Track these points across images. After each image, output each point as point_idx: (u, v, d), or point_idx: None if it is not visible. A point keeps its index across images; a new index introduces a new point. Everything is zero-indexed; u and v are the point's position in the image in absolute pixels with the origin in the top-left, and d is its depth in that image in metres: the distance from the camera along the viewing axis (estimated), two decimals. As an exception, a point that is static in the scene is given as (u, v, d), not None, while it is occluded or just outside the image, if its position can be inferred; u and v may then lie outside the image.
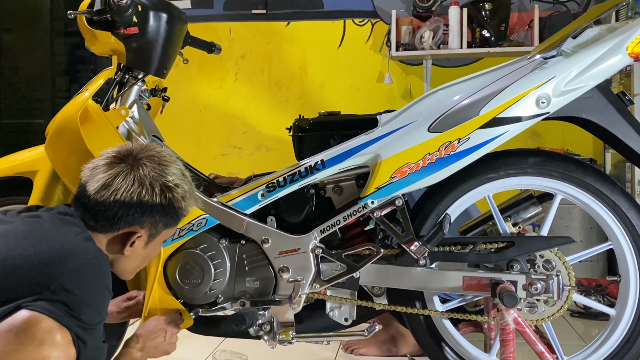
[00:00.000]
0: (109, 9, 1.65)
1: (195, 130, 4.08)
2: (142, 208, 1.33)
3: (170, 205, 1.37)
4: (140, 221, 1.35)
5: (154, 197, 1.34)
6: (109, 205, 1.32)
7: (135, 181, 1.33)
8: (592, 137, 2.19)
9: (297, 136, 1.77)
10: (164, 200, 1.35)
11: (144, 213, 1.34)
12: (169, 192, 1.36)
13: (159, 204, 1.35)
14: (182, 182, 1.40)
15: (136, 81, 1.81)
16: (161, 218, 1.37)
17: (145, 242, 1.39)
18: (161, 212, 1.36)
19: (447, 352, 1.76)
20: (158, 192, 1.34)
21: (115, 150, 1.38)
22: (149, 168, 1.35)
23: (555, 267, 1.64)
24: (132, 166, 1.34)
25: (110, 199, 1.31)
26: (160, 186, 1.35)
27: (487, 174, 1.68)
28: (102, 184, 1.32)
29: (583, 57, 1.53)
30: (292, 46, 4.00)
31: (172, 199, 1.37)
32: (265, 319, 1.72)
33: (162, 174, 1.36)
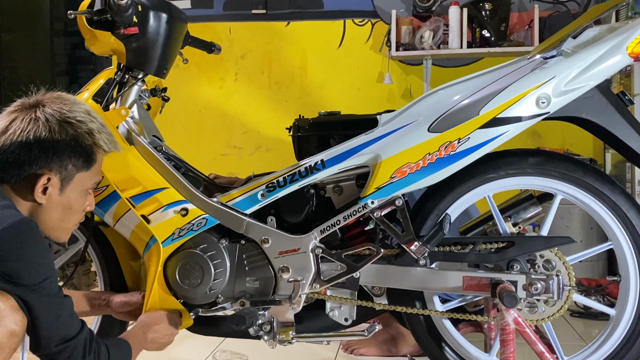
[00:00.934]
0: (109, 9, 1.65)
1: (195, 130, 4.08)
2: (42, 146, 1.27)
3: (75, 142, 1.30)
4: (46, 162, 1.27)
5: (52, 134, 1.27)
6: (8, 149, 1.26)
7: (31, 120, 1.27)
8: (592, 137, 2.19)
9: (297, 136, 1.76)
10: (65, 136, 1.29)
11: (46, 152, 1.27)
12: (69, 127, 1.30)
13: (61, 140, 1.28)
14: (87, 119, 1.33)
15: (136, 81, 1.81)
16: (69, 157, 1.29)
17: (59, 187, 1.31)
18: (67, 150, 1.29)
19: (447, 352, 1.76)
20: (57, 128, 1.28)
21: (21, 101, 1.33)
22: (49, 108, 1.30)
23: (555, 267, 1.64)
24: (33, 109, 1.29)
25: (8, 141, 1.26)
26: (59, 122, 1.29)
27: (487, 174, 1.68)
28: (2, 129, 1.28)
29: (583, 57, 1.53)
30: (292, 46, 4.00)
31: (76, 135, 1.30)
32: (265, 319, 1.72)
33: (62, 110, 1.30)
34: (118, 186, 1.71)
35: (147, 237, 1.74)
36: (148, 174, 1.73)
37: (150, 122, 1.92)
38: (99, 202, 1.73)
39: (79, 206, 1.38)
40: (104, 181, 1.71)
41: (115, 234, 1.83)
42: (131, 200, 1.72)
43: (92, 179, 1.38)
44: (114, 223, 1.76)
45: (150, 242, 1.74)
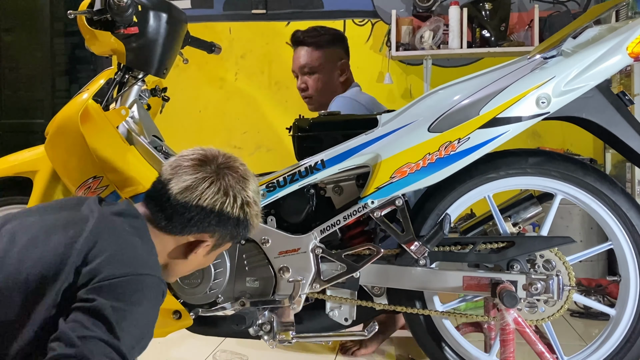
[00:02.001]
0: (109, 9, 1.65)
1: (195, 130, 4.08)
2: (220, 218, 1.31)
3: (243, 221, 1.35)
4: (213, 230, 1.32)
5: (234, 210, 1.31)
6: (190, 208, 1.28)
7: (221, 190, 1.30)
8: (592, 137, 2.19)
9: (297, 136, 1.77)
10: (241, 215, 1.33)
11: (219, 223, 1.31)
12: (247, 207, 1.34)
13: (236, 217, 1.32)
14: (258, 200, 1.38)
15: (136, 81, 1.82)
16: (231, 231, 1.35)
17: (208, 251, 1.37)
18: (234, 225, 1.34)
19: (447, 352, 1.76)
20: (239, 206, 1.32)
21: (200, 153, 1.35)
22: (234, 179, 1.33)
23: (555, 267, 1.64)
24: (218, 174, 1.31)
25: (193, 202, 1.28)
26: (242, 200, 1.33)
27: (487, 174, 1.68)
28: (187, 185, 1.29)
29: (583, 57, 1.53)
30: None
31: (248, 215, 1.35)
32: (265, 319, 1.72)
33: (245, 188, 1.34)
34: (118, 186, 1.71)
35: (147, 237, 1.74)
36: (148, 174, 1.72)
37: (150, 122, 1.92)
38: (99, 202, 1.73)
39: (207, 264, 1.48)
40: (104, 181, 1.71)
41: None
42: (131, 200, 1.72)
43: (229, 245, 1.43)
44: (114, 223, 1.76)
45: (150, 242, 1.73)
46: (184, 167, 1.31)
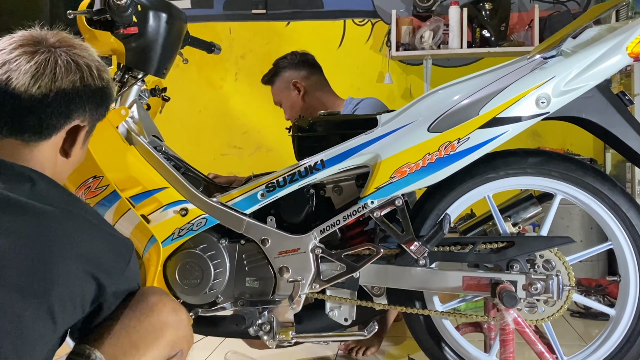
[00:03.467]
0: (109, 9, 1.65)
1: (195, 130, 4.08)
2: (85, 93, 1.12)
3: (107, 89, 1.17)
4: (83, 111, 1.13)
5: (95, 80, 1.13)
6: (48, 98, 1.07)
7: (70, 64, 1.10)
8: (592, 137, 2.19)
9: (297, 136, 1.76)
10: (103, 83, 1.15)
11: (88, 100, 1.12)
12: (104, 73, 1.17)
13: (99, 87, 1.14)
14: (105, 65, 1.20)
15: (136, 81, 1.81)
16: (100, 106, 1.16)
17: (84, 140, 1.17)
18: (100, 98, 1.15)
19: (446, 352, 1.76)
20: (97, 74, 1.14)
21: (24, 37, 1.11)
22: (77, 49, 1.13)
23: (555, 267, 1.64)
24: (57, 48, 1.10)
25: (48, 89, 1.07)
26: (97, 67, 1.14)
27: (487, 174, 1.68)
28: (32, 74, 1.07)
29: (583, 57, 1.53)
30: (292, 46, 3.99)
31: (108, 81, 1.18)
32: (265, 319, 1.72)
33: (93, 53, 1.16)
34: (118, 186, 1.71)
35: (146, 237, 1.74)
36: (148, 174, 1.73)
37: (150, 122, 1.92)
38: (99, 202, 1.73)
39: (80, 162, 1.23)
40: (104, 181, 1.71)
41: (115, 234, 1.82)
42: (131, 200, 1.72)
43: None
44: (114, 223, 1.76)
45: (150, 242, 1.74)
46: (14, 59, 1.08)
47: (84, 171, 1.72)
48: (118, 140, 1.72)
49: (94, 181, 1.72)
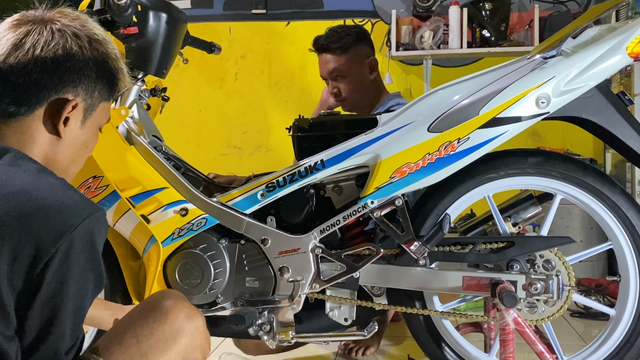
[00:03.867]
0: (109, 9, 1.65)
1: (195, 130, 4.08)
2: (71, 64, 1.04)
3: (104, 63, 1.09)
4: (73, 84, 1.05)
5: (83, 50, 1.05)
6: (27, 66, 1.01)
7: (54, 33, 1.03)
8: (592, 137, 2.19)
9: (297, 136, 1.76)
10: (97, 54, 1.07)
11: (77, 71, 1.04)
12: (99, 45, 1.08)
13: (91, 59, 1.06)
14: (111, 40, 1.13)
15: (136, 81, 1.81)
16: (96, 81, 1.08)
17: (82, 118, 1.08)
18: (95, 71, 1.07)
19: (446, 352, 1.76)
20: (87, 44, 1.06)
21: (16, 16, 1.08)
22: (67, 19, 1.07)
23: (555, 267, 1.64)
24: (45, 21, 1.05)
25: (28, 57, 1.01)
26: (88, 37, 1.06)
27: (487, 174, 1.68)
28: (13, 43, 1.02)
29: (583, 57, 1.53)
30: (292, 46, 4.00)
31: (106, 55, 1.09)
32: (264, 319, 1.72)
33: (87, 25, 1.08)
34: (118, 186, 1.71)
35: (146, 237, 1.74)
36: (148, 174, 1.73)
37: (150, 122, 1.92)
38: (99, 202, 1.73)
39: (92, 147, 1.16)
40: (104, 181, 1.71)
41: (115, 233, 1.83)
42: (131, 200, 1.72)
43: (106, 115, 1.17)
44: (114, 223, 1.76)
45: (150, 242, 1.74)
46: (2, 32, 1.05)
47: (84, 171, 1.71)
48: (118, 140, 1.72)
49: (94, 181, 1.72)
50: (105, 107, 1.14)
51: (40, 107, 1.04)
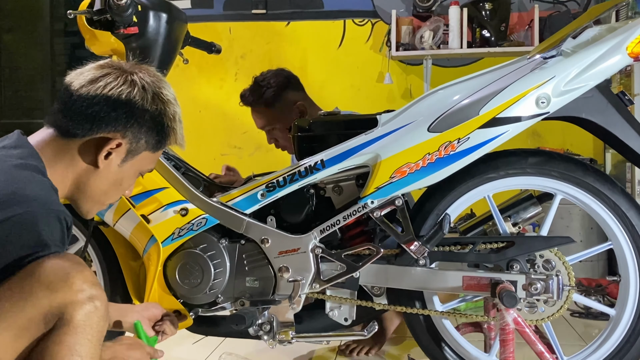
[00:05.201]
0: (109, 9, 1.65)
1: (195, 130, 4.07)
2: (128, 110, 1.19)
3: (159, 119, 1.23)
4: (124, 126, 1.20)
5: (144, 102, 1.20)
6: (93, 99, 1.18)
7: (128, 80, 1.20)
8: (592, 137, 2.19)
9: (297, 136, 1.77)
10: (155, 109, 1.22)
11: (130, 117, 1.19)
12: (161, 102, 1.23)
13: (149, 111, 1.21)
14: (176, 102, 1.27)
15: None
16: (147, 131, 1.23)
17: (122, 158, 1.23)
18: (148, 123, 1.22)
19: (447, 352, 1.76)
20: (150, 98, 1.21)
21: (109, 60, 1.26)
22: (146, 76, 1.23)
23: (555, 267, 1.64)
24: (125, 71, 1.22)
25: (97, 93, 1.18)
26: (154, 93, 1.22)
27: (487, 174, 1.68)
28: (90, 79, 1.19)
29: (583, 57, 1.53)
30: (292, 46, 4.00)
31: (163, 112, 1.23)
32: (264, 319, 1.72)
33: (158, 83, 1.24)
34: (118, 186, 1.70)
35: (146, 237, 1.74)
36: (148, 174, 1.72)
37: (150, 122, 1.91)
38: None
39: (126, 186, 1.30)
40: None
41: (115, 233, 1.83)
42: (131, 199, 1.72)
43: (150, 164, 1.31)
44: (114, 223, 1.76)
45: (150, 242, 1.74)
46: (87, 69, 1.23)
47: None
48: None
49: (94, 181, 1.72)
50: (150, 156, 1.28)
51: (91, 137, 1.19)
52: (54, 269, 1.03)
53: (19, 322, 1.00)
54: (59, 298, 1.01)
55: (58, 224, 1.09)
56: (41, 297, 1.01)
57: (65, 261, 1.06)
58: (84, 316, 1.03)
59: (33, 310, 1.01)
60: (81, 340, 1.02)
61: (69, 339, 1.01)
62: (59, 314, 1.02)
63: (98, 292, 1.06)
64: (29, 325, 1.01)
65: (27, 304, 1.01)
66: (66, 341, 1.01)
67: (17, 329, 1.00)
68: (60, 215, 1.10)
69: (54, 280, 1.02)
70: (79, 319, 1.02)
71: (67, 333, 1.02)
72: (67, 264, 1.05)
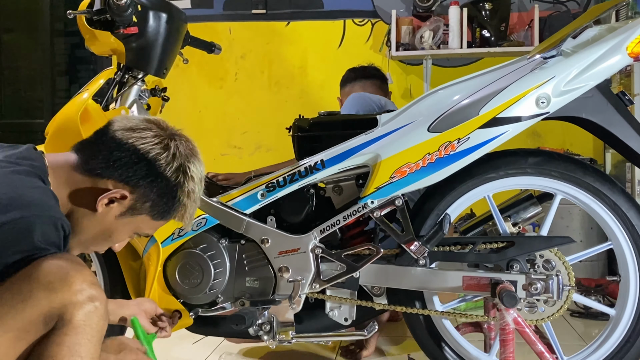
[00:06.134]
0: (109, 9, 1.65)
1: (195, 130, 4.07)
2: (149, 168, 1.20)
3: (173, 189, 1.23)
4: (137, 183, 1.20)
5: (167, 168, 1.21)
6: (123, 145, 1.19)
7: (163, 143, 1.21)
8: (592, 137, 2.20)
9: (297, 136, 1.76)
10: (174, 179, 1.22)
11: (147, 175, 1.20)
12: (183, 175, 1.24)
13: (167, 177, 1.22)
14: (199, 182, 1.28)
15: (136, 81, 1.81)
16: (156, 197, 1.22)
17: (122, 212, 1.22)
18: (161, 189, 1.22)
19: (446, 352, 1.76)
20: (174, 167, 1.22)
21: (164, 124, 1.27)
22: (183, 147, 1.24)
23: (555, 267, 1.64)
24: (168, 135, 1.24)
25: (129, 142, 1.19)
26: (180, 164, 1.23)
27: (487, 174, 1.68)
28: (131, 126, 1.21)
29: (583, 57, 1.53)
30: (292, 46, 4.00)
31: (180, 185, 1.23)
32: (265, 319, 1.72)
33: (190, 157, 1.25)
34: (118, 186, 1.70)
35: (146, 237, 1.74)
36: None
37: (150, 122, 1.91)
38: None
39: (115, 240, 1.29)
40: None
41: (115, 233, 1.82)
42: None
43: (148, 229, 1.30)
44: (114, 223, 1.76)
45: (150, 242, 1.74)
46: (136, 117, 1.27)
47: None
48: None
49: (94, 181, 1.72)
50: (149, 222, 1.27)
51: (102, 180, 1.20)
52: (53, 269, 1.03)
53: (19, 324, 1.01)
54: (59, 298, 1.02)
55: (55, 231, 1.09)
56: (41, 298, 1.01)
57: (64, 261, 1.06)
58: (84, 316, 1.03)
59: (33, 311, 1.01)
60: (81, 341, 1.03)
61: (69, 339, 1.02)
62: (58, 315, 1.02)
63: (97, 292, 1.06)
64: (29, 327, 1.02)
65: (27, 305, 1.01)
66: (66, 341, 1.02)
67: (17, 330, 1.01)
68: (58, 223, 1.10)
69: (53, 280, 1.02)
70: (78, 319, 1.03)
71: (67, 333, 1.02)
72: (66, 264, 1.05)
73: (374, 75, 2.80)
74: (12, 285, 1.02)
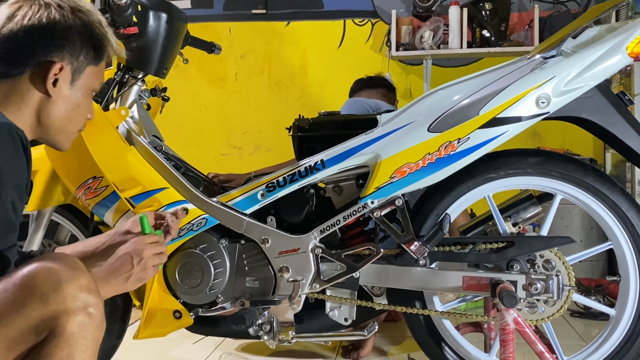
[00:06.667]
0: (109, 9, 1.65)
1: (195, 130, 4.08)
2: (56, 31, 1.20)
3: (87, 31, 1.24)
4: (59, 50, 1.20)
5: (66, 18, 1.21)
6: (17, 34, 1.18)
7: (41, 6, 1.20)
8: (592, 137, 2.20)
9: (297, 136, 1.76)
10: (79, 22, 1.23)
11: (60, 37, 1.20)
12: (82, 14, 1.24)
13: (74, 26, 1.22)
14: (95, 10, 1.28)
15: (136, 81, 1.82)
16: (81, 46, 1.23)
17: (70, 80, 1.24)
18: (80, 38, 1.23)
19: (446, 352, 1.76)
20: (70, 14, 1.22)
21: None
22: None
23: (555, 267, 1.64)
24: None
25: (16, 27, 1.18)
26: (71, 8, 1.23)
27: (487, 174, 1.68)
28: (7, 16, 1.20)
29: (583, 57, 1.53)
30: (292, 46, 4.01)
31: (89, 23, 1.24)
32: (265, 319, 1.72)
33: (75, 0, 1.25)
34: (118, 186, 1.70)
35: (147, 237, 1.74)
36: (148, 174, 1.72)
37: (150, 122, 1.92)
38: (99, 202, 1.73)
39: (85, 107, 1.30)
40: (104, 181, 1.71)
41: (115, 233, 1.82)
42: (131, 200, 1.72)
43: (98, 78, 1.32)
44: (114, 223, 1.76)
45: (150, 242, 1.73)
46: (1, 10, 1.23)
47: (84, 171, 1.72)
48: (118, 141, 1.72)
49: (93, 181, 1.72)
50: (94, 71, 1.29)
51: (30, 70, 1.19)
52: (47, 278, 1.01)
53: (10, 335, 0.98)
54: (51, 310, 0.99)
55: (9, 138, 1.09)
56: (33, 309, 0.99)
57: (61, 266, 1.03)
58: (77, 327, 1.00)
59: (24, 322, 0.99)
60: (74, 353, 1.00)
61: (60, 352, 0.99)
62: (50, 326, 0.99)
63: (93, 299, 1.03)
64: (20, 338, 0.99)
65: (19, 316, 0.99)
66: (57, 354, 0.99)
67: (8, 341, 0.99)
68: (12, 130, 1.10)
69: (45, 291, 0.99)
70: (71, 331, 1.00)
71: (58, 346, 0.99)
72: (61, 270, 1.02)
73: (379, 84, 2.83)
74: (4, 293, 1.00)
